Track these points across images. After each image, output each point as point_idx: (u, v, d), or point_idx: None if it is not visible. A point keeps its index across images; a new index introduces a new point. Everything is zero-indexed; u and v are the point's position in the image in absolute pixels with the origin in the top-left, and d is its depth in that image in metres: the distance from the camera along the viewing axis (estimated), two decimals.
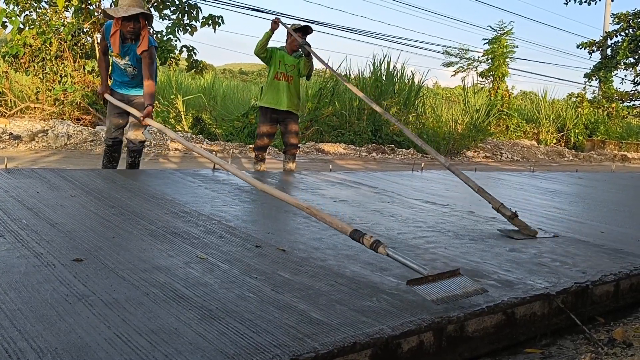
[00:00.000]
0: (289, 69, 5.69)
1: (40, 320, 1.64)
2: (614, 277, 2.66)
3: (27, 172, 4.25)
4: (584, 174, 9.14)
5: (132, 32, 4.38)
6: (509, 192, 5.93)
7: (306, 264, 2.46)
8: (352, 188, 5.10)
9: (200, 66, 13.57)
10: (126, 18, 4.30)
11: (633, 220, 4.60)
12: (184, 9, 12.50)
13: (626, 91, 23.96)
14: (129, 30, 4.36)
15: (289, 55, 5.72)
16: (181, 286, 2.03)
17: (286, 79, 5.71)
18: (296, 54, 5.74)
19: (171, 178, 4.65)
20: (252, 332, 1.68)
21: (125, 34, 4.41)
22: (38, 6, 11.56)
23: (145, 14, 4.45)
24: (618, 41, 23.02)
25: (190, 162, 8.50)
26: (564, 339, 2.34)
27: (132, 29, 4.36)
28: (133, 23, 4.34)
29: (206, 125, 13.56)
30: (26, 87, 12.09)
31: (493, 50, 20.69)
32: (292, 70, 5.71)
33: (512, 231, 3.51)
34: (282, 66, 5.69)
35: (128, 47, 4.49)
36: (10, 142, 8.96)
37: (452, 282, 2.28)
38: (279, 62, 5.70)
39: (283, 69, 5.68)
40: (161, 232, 2.81)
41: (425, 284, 2.22)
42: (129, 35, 4.42)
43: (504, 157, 15.49)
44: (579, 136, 21.81)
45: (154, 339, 1.57)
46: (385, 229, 3.34)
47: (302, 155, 11.12)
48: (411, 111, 14.96)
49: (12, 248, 2.33)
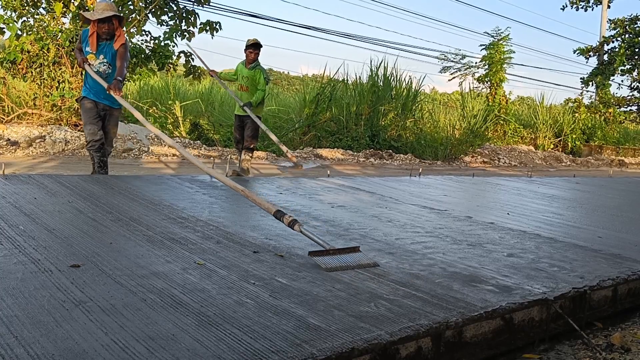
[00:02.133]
0: (244, 81, 6.56)
1: (37, 327, 1.63)
2: (611, 282, 2.66)
3: (24, 178, 4.24)
4: (581, 179, 9.16)
5: (106, 33, 4.98)
6: (506, 197, 5.94)
7: (304, 269, 2.46)
8: (350, 193, 5.10)
9: (197, 72, 13.58)
10: (101, 20, 4.89)
11: (631, 226, 4.60)
12: (182, 15, 12.52)
13: (623, 96, 24.00)
14: (104, 31, 4.96)
15: (245, 68, 6.55)
16: (179, 292, 2.03)
17: (243, 89, 6.60)
18: (251, 66, 6.50)
19: (169, 184, 4.65)
20: (250, 338, 1.67)
21: (101, 34, 4.99)
22: (36, 12, 11.57)
23: (118, 16, 5.02)
24: (615, 47, 23.10)
25: (188, 168, 8.49)
26: (562, 344, 2.34)
27: (107, 30, 4.97)
28: (107, 25, 4.94)
29: (204, 130, 13.56)
30: (24, 93, 12.08)
31: (490, 55, 20.75)
32: (246, 81, 6.54)
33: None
34: (241, 78, 6.59)
35: (104, 45, 5.05)
36: (8, 148, 8.95)
37: (350, 256, 2.71)
38: (240, 76, 6.62)
39: (241, 80, 6.60)
40: (159, 237, 2.81)
41: (324, 256, 2.66)
42: (104, 36, 5.00)
43: (501, 163, 15.51)
44: (576, 141, 21.86)
45: (152, 345, 1.57)
46: (383, 235, 3.34)
47: (300, 161, 11.13)
48: (409, 116, 14.98)
49: (10, 254, 2.32)
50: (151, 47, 12.88)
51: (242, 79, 6.56)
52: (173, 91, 15.19)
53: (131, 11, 12.08)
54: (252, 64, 6.49)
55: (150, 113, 13.69)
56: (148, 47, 12.87)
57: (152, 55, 12.69)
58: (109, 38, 5.01)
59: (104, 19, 4.87)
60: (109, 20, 4.92)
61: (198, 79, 13.98)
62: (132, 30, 12.44)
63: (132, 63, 12.31)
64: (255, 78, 6.47)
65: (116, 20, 4.99)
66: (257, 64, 6.54)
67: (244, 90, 6.57)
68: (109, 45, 5.02)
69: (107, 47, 5.02)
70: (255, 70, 6.48)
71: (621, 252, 3.30)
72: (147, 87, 16.31)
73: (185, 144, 11.08)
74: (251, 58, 6.46)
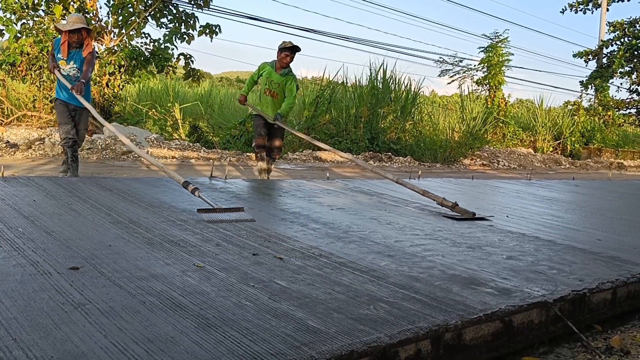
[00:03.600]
0: (274, 87, 6.13)
1: (36, 329, 1.63)
2: (611, 285, 2.66)
3: (23, 180, 4.24)
4: (580, 181, 9.17)
5: (76, 42, 5.76)
6: (506, 200, 5.94)
7: (303, 272, 2.46)
8: (349, 196, 5.11)
9: (197, 74, 13.60)
10: (72, 31, 5.69)
11: (630, 228, 4.61)
12: (181, 17, 12.55)
13: (622, 99, 24.06)
14: (74, 40, 5.74)
15: (276, 73, 6.09)
16: (178, 294, 2.03)
17: (272, 95, 6.16)
18: (283, 72, 6.08)
19: (168, 186, 4.65)
20: (249, 340, 1.67)
21: (71, 43, 5.76)
22: (35, 15, 11.59)
23: (87, 28, 5.81)
24: (614, 50, 23.13)
25: (187, 170, 8.50)
26: (562, 347, 2.34)
27: (77, 39, 5.74)
28: (77, 35, 5.72)
29: (203, 133, 13.56)
30: (23, 95, 12.10)
31: (489, 58, 20.78)
32: (277, 87, 6.14)
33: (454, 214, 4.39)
34: (269, 83, 6.13)
35: (74, 53, 5.81)
36: (7, 150, 8.95)
37: (232, 214, 3.47)
38: (267, 79, 6.14)
39: (269, 86, 6.13)
40: (158, 240, 2.81)
41: (210, 213, 3.44)
42: (74, 44, 5.77)
43: (500, 165, 15.52)
44: (576, 144, 21.90)
45: (151, 348, 1.57)
46: (382, 237, 3.34)
47: (300, 163, 11.14)
48: (408, 119, 14.99)
49: (8, 256, 2.32)
50: (151, 49, 12.90)
51: (270, 84, 6.13)
52: (172, 93, 15.21)
53: (131, 14, 12.11)
54: (284, 69, 6.10)
55: (150, 115, 13.70)
56: (148, 49, 12.89)
57: (152, 58, 12.71)
58: (79, 46, 5.80)
59: (74, 30, 5.67)
60: (79, 32, 5.71)
61: (197, 82, 14.00)
62: (131, 33, 12.47)
63: (131, 65, 12.35)
64: (288, 85, 6.11)
65: (85, 31, 5.78)
66: (289, 70, 6.15)
67: (272, 97, 6.15)
68: (79, 53, 5.80)
69: (77, 54, 5.80)
70: (288, 77, 6.11)
71: (620, 255, 3.30)
72: (146, 90, 16.33)
73: (185, 147, 11.09)
74: (286, 62, 6.06)
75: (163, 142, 11.13)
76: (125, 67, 12.29)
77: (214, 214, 3.40)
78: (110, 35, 12.38)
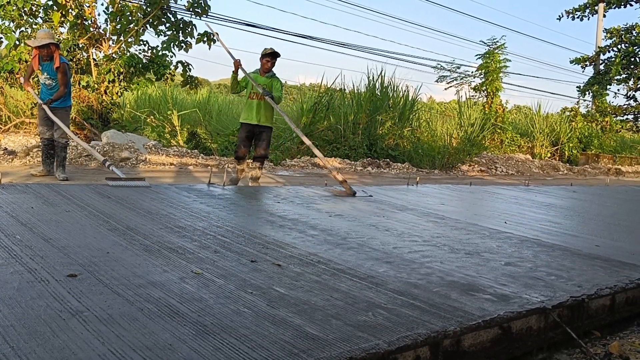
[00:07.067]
0: (260, 89, 6.42)
1: (33, 337, 1.62)
2: (609, 291, 2.66)
3: (21, 188, 4.23)
4: (578, 187, 9.18)
5: (46, 55, 6.49)
6: (504, 205, 5.94)
7: (301, 278, 2.46)
8: (348, 202, 5.10)
9: (195, 82, 13.62)
10: (40, 46, 6.40)
11: (628, 234, 4.61)
12: (179, 25, 12.58)
13: (619, 105, 24.13)
14: (44, 54, 6.47)
15: (261, 77, 6.54)
16: (176, 302, 2.02)
17: (258, 97, 6.49)
18: (268, 75, 6.55)
19: (166, 193, 4.64)
20: (248, 347, 1.67)
21: (42, 56, 6.51)
22: (34, 22, 11.61)
23: (54, 43, 6.48)
24: (611, 57, 23.22)
25: (186, 177, 8.49)
26: (561, 353, 2.34)
27: (46, 53, 6.47)
28: (46, 49, 6.43)
29: (201, 140, 13.56)
30: (21, 102, 12.10)
31: (486, 64, 20.84)
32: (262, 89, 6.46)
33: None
34: (255, 87, 6.45)
35: (46, 65, 6.55)
36: (5, 157, 8.93)
37: (133, 182, 4.86)
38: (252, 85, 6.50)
39: (255, 89, 6.47)
40: (156, 247, 2.80)
41: (116, 180, 4.79)
42: (45, 57, 6.51)
43: (498, 171, 15.53)
44: (573, 150, 21.93)
45: (149, 355, 1.56)
46: (380, 244, 3.34)
47: (298, 170, 11.14)
48: (406, 125, 15.01)
49: (6, 264, 2.31)
50: (149, 57, 12.93)
51: (256, 88, 6.46)
52: (171, 100, 15.20)
53: (129, 21, 12.14)
54: (268, 73, 6.56)
55: (148, 122, 13.70)
56: (146, 56, 12.92)
57: (150, 65, 12.73)
58: (49, 59, 6.51)
59: (42, 45, 6.37)
60: (47, 46, 6.40)
61: (195, 89, 14.01)
62: (130, 40, 12.50)
63: (130, 72, 12.38)
64: (274, 85, 6.52)
65: (53, 46, 6.46)
66: (273, 74, 6.62)
67: (259, 99, 6.49)
68: (50, 65, 6.53)
69: (48, 66, 6.54)
70: (273, 79, 6.56)
71: (619, 261, 3.30)
72: (145, 97, 16.34)
73: (183, 153, 11.07)
74: (267, 67, 6.52)
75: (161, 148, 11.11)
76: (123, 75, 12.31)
77: (117, 182, 4.62)
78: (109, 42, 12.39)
